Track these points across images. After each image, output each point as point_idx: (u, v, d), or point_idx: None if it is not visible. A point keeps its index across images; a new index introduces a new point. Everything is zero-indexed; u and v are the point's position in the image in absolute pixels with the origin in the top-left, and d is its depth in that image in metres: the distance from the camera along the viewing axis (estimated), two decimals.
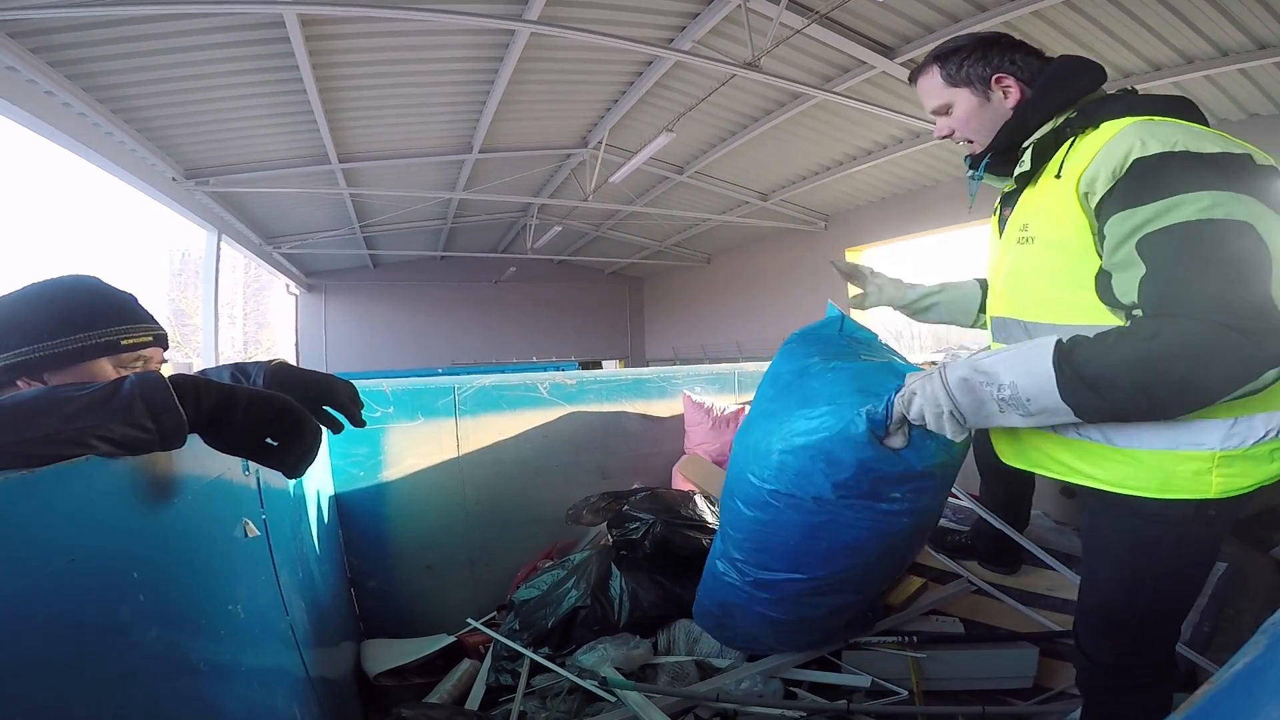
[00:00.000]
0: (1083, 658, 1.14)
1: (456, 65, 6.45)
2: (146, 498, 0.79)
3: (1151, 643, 1.07)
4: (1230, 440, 0.93)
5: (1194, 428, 0.93)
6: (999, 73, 1.12)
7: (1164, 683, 1.09)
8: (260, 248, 11.27)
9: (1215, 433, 0.93)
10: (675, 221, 12.13)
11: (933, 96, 1.18)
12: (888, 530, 1.22)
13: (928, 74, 1.19)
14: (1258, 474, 0.95)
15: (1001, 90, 1.12)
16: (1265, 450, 0.94)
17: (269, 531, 1.20)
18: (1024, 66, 1.12)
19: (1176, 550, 1.01)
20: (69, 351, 0.93)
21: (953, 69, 1.15)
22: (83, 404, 0.67)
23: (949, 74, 1.15)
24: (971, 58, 1.13)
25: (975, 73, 1.13)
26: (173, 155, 7.23)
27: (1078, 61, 1.10)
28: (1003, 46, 1.14)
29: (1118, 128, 0.95)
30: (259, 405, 0.78)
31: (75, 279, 1.02)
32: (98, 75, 5.37)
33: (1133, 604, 1.05)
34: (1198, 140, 0.89)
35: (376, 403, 2.20)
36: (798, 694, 1.56)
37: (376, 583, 2.15)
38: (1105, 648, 1.10)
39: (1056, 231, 1.02)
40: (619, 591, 1.80)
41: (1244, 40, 4.94)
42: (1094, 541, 1.13)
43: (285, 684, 1.19)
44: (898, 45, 5.79)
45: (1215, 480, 0.94)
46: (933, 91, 1.18)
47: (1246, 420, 0.93)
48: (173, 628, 0.80)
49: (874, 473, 1.13)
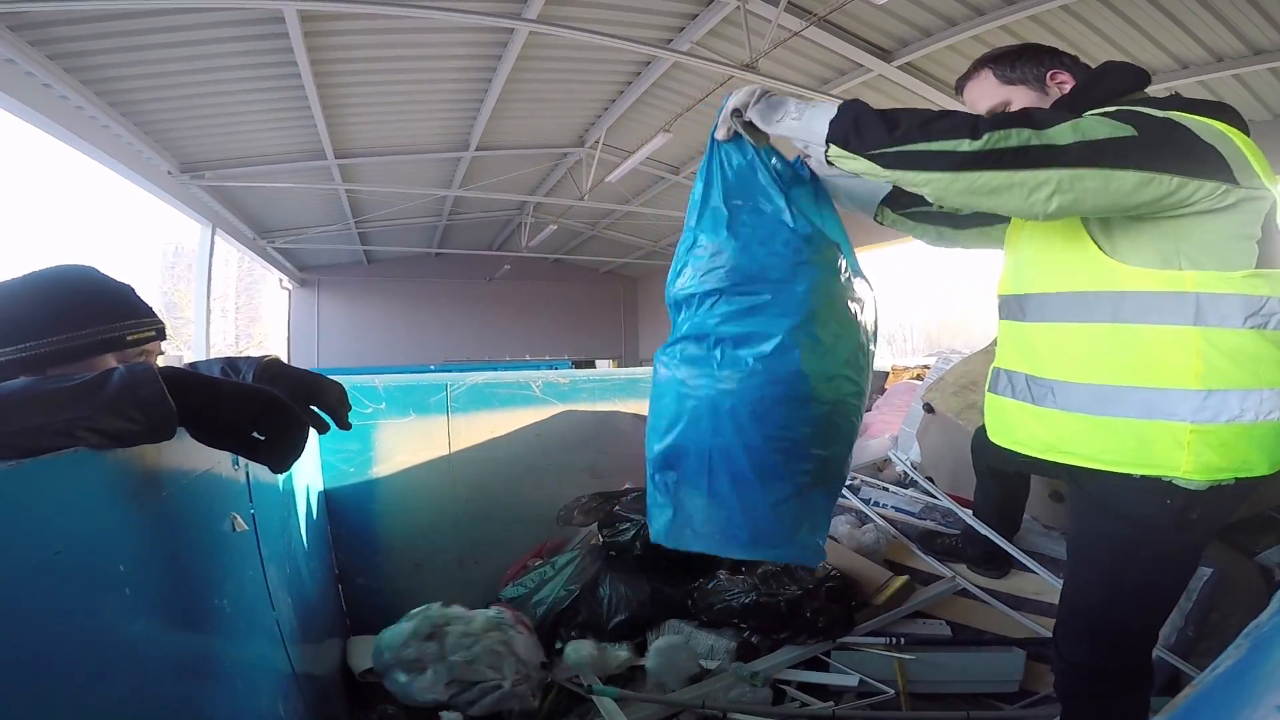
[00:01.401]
0: (1060, 661, 1.15)
1: (455, 63, 6.43)
2: (134, 490, 0.79)
3: (1127, 648, 1.09)
4: (1202, 413, 0.94)
5: (1167, 396, 0.95)
6: (1053, 69, 1.13)
7: (1139, 689, 1.10)
8: (254, 242, 11.21)
9: (1187, 404, 0.94)
10: (671, 222, 12.10)
11: (987, 98, 1.17)
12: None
13: (979, 77, 1.19)
14: (1233, 458, 0.95)
15: (1057, 86, 1.12)
16: (1240, 431, 0.94)
17: (257, 526, 1.19)
18: (1074, 67, 1.14)
19: (1156, 557, 1.03)
20: (76, 347, 0.92)
21: (1006, 69, 1.15)
22: (71, 396, 0.67)
23: (1003, 74, 1.16)
24: (1024, 58, 1.15)
25: (1030, 71, 1.14)
26: (169, 149, 7.18)
27: (1122, 63, 1.11)
28: (1053, 51, 1.16)
29: None
30: (245, 398, 0.78)
31: (72, 270, 1.00)
32: (97, 69, 5.33)
33: (1110, 608, 1.06)
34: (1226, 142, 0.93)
35: (368, 399, 2.19)
36: (787, 692, 1.57)
37: (364, 580, 2.14)
38: (1082, 651, 1.12)
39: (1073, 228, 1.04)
40: (608, 592, 1.80)
41: (1240, 46, 4.98)
42: (1077, 545, 1.15)
43: (270, 680, 1.18)
44: (895, 49, 5.81)
45: (1186, 457, 0.94)
46: (987, 93, 1.17)
47: (1220, 395, 0.94)
48: (158, 621, 0.79)
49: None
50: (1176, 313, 0.94)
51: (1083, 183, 0.87)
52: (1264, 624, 0.43)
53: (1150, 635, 1.11)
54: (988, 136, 0.87)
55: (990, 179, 0.88)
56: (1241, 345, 0.93)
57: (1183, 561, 1.05)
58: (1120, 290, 0.98)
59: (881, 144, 0.93)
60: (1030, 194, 0.88)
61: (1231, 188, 0.92)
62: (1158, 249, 0.95)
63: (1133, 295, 0.97)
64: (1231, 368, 0.94)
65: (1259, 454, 0.96)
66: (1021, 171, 0.87)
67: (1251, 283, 0.93)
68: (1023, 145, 0.87)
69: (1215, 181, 0.91)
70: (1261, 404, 0.94)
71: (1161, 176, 0.89)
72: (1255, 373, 0.94)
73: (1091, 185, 0.88)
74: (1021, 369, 1.11)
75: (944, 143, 0.89)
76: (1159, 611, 1.10)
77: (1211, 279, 0.93)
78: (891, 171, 0.93)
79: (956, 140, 0.88)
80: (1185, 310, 0.94)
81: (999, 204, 0.91)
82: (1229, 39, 4.92)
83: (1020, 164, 0.87)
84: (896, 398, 3.02)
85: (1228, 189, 0.91)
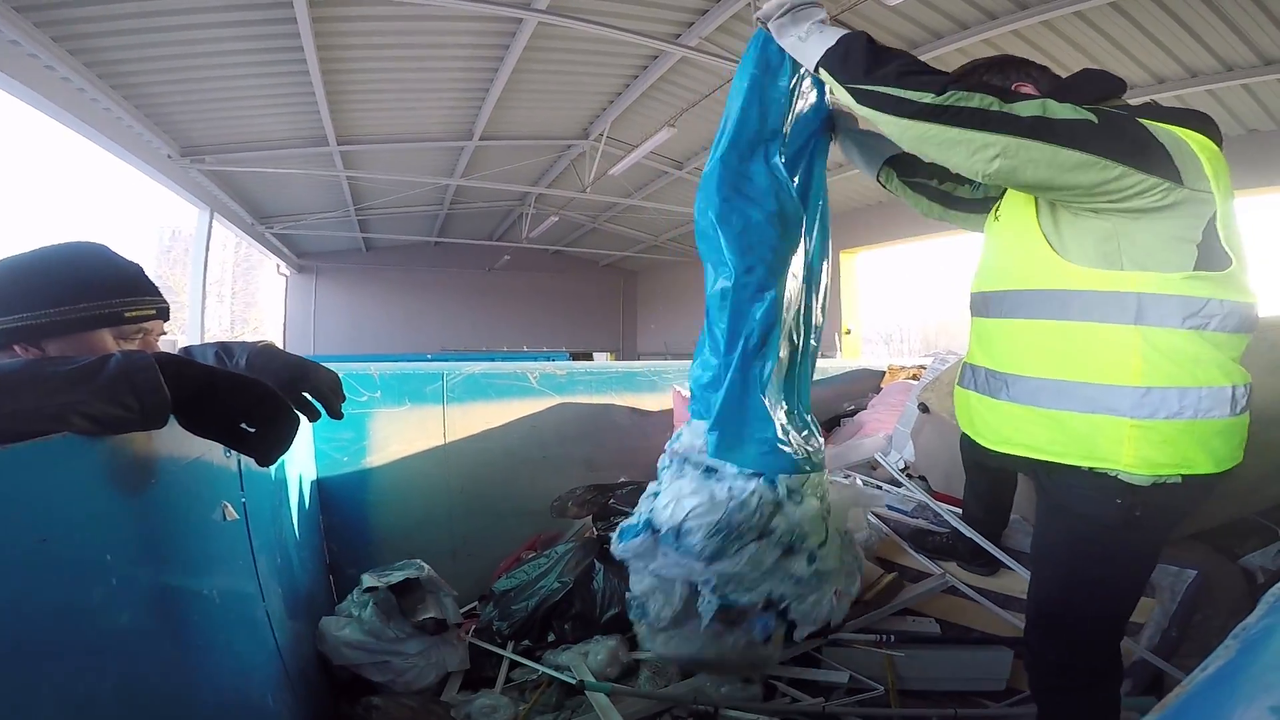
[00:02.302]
0: (1030, 655, 1.19)
1: (462, 51, 6.39)
2: (123, 478, 0.78)
3: (1089, 644, 1.11)
4: (1141, 409, 0.97)
5: (1110, 391, 0.99)
6: (1018, 81, 1.16)
7: (1106, 684, 1.12)
8: (252, 227, 11.16)
9: (1126, 399, 0.98)
10: (672, 217, 12.09)
11: None
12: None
13: None
14: (1174, 454, 0.98)
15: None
16: (1181, 428, 0.97)
17: (248, 515, 1.18)
18: (1039, 78, 1.16)
19: (1107, 554, 1.06)
20: (70, 320, 0.92)
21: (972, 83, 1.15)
22: (67, 379, 0.66)
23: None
24: (989, 72, 1.18)
25: (994, 83, 1.15)
26: (170, 132, 7.14)
27: (1096, 71, 1.14)
28: (1018, 63, 1.19)
29: None
30: (238, 390, 0.77)
31: (83, 245, 1.00)
32: (100, 51, 5.30)
33: (1070, 604, 1.10)
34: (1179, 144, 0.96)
35: (363, 387, 2.18)
36: (778, 688, 1.57)
37: (357, 570, 2.12)
38: (1048, 646, 1.15)
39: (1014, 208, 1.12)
40: (602, 586, 1.79)
41: (1250, 56, 4.97)
42: (1039, 543, 1.20)
43: (258, 670, 1.17)
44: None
45: (1128, 451, 0.98)
46: None
47: (1160, 392, 0.97)
48: (145, 611, 0.78)
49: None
50: (1119, 312, 0.98)
51: (1027, 152, 0.91)
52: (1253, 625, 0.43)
53: (1113, 631, 1.13)
54: (951, 93, 0.92)
55: (941, 132, 0.94)
56: (1180, 345, 0.97)
57: (1135, 559, 1.09)
58: (1068, 289, 1.02)
59: (857, 79, 1.01)
60: (974, 153, 0.93)
61: (1174, 186, 0.94)
62: (1101, 249, 0.99)
63: (1079, 294, 1.01)
64: (1170, 366, 0.97)
65: (1201, 452, 0.98)
66: (972, 131, 0.92)
67: (1191, 284, 0.96)
68: (983, 108, 0.92)
69: (1156, 177, 0.93)
70: (1200, 402, 0.97)
71: (1104, 161, 0.92)
72: (1193, 372, 0.97)
73: (1035, 156, 0.92)
74: (983, 364, 1.17)
75: (910, 92, 0.95)
76: (1117, 607, 1.12)
77: (1152, 280, 0.96)
78: (860, 107, 1.01)
79: (922, 92, 0.94)
80: (1127, 310, 0.98)
81: (944, 157, 0.97)
82: (1240, 48, 4.91)
83: (974, 124, 0.92)
84: (892, 397, 3.01)
85: (1170, 187, 0.94)
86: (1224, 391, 0.98)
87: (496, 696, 1.55)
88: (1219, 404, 0.98)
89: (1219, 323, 0.98)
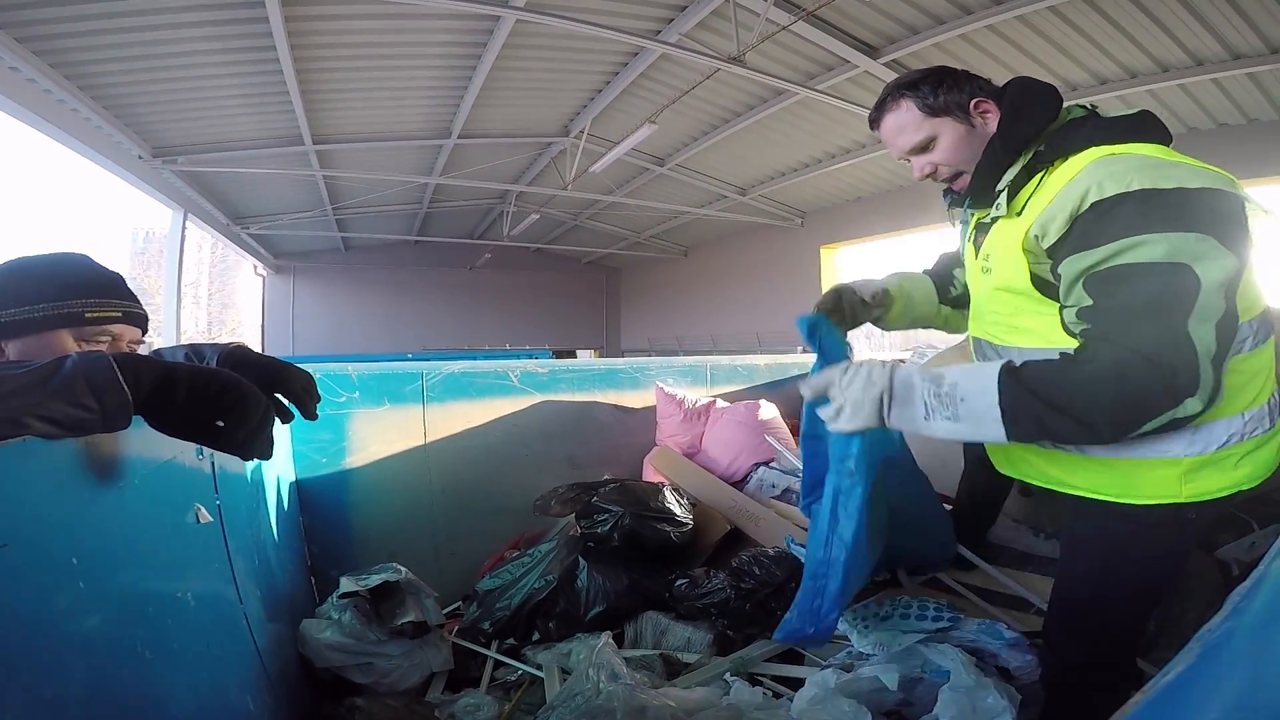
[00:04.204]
0: (1050, 654, 1.17)
1: (439, 49, 6.34)
2: (89, 480, 0.76)
3: (1113, 642, 1.10)
4: (1194, 447, 0.97)
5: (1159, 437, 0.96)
6: (975, 97, 1.07)
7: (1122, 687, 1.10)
8: (228, 228, 10.99)
9: (1179, 441, 0.97)
10: (654, 213, 12.10)
11: (911, 131, 1.10)
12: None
13: (898, 108, 1.10)
14: (1225, 479, 0.98)
15: (981, 116, 1.08)
16: (1231, 455, 0.97)
17: (223, 517, 1.16)
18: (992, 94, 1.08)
19: (1147, 552, 1.04)
20: (29, 320, 0.91)
21: (929, 98, 1.08)
22: (20, 383, 0.64)
23: (927, 104, 1.08)
24: (945, 84, 1.08)
25: (954, 99, 1.07)
26: (140, 133, 7.01)
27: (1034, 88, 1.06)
28: (969, 75, 1.10)
29: (1080, 165, 0.95)
30: (200, 382, 0.74)
31: (63, 254, 1.00)
32: (66, 52, 5.19)
33: (1100, 600, 1.08)
34: (1155, 174, 0.89)
35: (341, 387, 2.15)
36: (762, 684, 1.57)
37: (339, 571, 2.09)
38: (1072, 644, 1.13)
39: (1005, 269, 1.06)
40: (586, 584, 1.79)
41: (1220, 50, 5.07)
42: (1072, 538, 1.16)
43: (238, 673, 1.15)
44: (881, 45, 5.83)
45: (1185, 487, 0.97)
46: (910, 126, 1.10)
47: (1208, 426, 0.96)
48: (115, 616, 0.77)
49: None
50: None
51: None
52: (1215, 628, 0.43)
53: (1136, 631, 1.12)
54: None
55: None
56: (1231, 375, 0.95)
57: (1172, 554, 1.07)
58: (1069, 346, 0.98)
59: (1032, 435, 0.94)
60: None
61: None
62: None
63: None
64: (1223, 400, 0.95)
65: (1253, 466, 0.99)
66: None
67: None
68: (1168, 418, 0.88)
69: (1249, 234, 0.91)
70: (1245, 425, 0.97)
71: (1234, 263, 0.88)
72: (1235, 401, 0.97)
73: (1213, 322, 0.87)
74: None
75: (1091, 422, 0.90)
76: (1146, 605, 1.11)
77: None
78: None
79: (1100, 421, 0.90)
80: None
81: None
82: (1209, 43, 5.01)
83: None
84: None
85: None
86: (1262, 409, 0.99)
87: (480, 695, 1.53)
88: (1262, 420, 0.99)
89: (1252, 342, 0.97)
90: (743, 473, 2.45)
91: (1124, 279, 0.88)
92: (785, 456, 2.41)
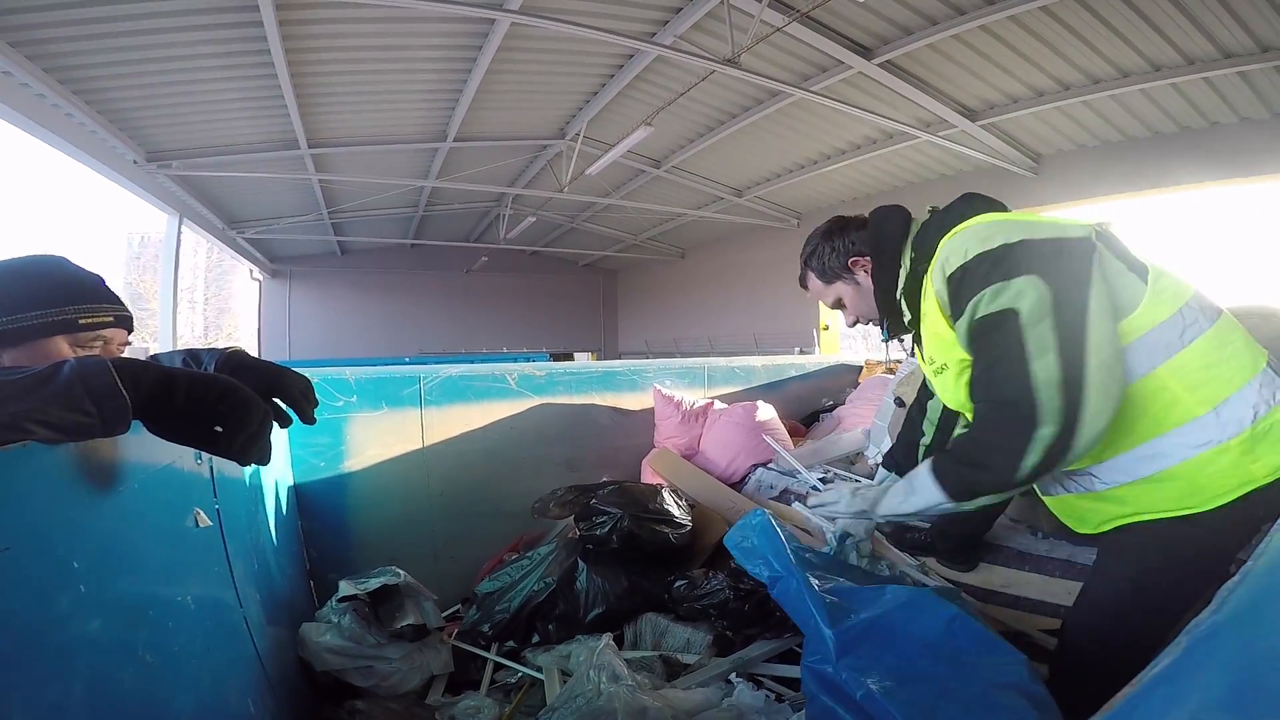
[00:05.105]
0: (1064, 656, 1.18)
1: (434, 53, 6.34)
2: (90, 485, 0.76)
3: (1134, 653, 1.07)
4: (1226, 429, 0.97)
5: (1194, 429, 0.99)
6: (849, 257, 1.26)
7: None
8: (223, 232, 10.97)
9: (1211, 427, 0.98)
10: (651, 215, 12.11)
11: (824, 296, 1.34)
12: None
13: (809, 277, 1.35)
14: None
15: (862, 270, 1.26)
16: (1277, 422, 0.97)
17: (222, 521, 1.17)
18: (859, 240, 1.27)
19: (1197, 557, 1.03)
20: (24, 328, 0.92)
21: (820, 267, 1.31)
22: (19, 388, 0.64)
23: (821, 273, 1.31)
24: (826, 253, 1.29)
25: (836, 265, 1.28)
26: (135, 138, 7.00)
27: (881, 214, 1.26)
28: (839, 230, 1.29)
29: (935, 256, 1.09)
30: (200, 387, 0.75)
31: (41, 258, 1.00)
32: (61, 56, 5.18)
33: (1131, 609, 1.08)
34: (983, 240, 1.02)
35: (339, 391, 2.16)
36: (762, 684, 1.58)
37: (337, 575, 2.10)
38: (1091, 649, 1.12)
39: (948, 357, 1.14)
40: (585, 586, 1.79)
41: (1210, 49, 5.10)
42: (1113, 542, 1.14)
43: (238, 676, 1.16)
44: (876, 46, 5.85)
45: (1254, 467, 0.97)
46: (819, 292, 1.35)
47: (1226, 404, 0.98)
48: (116, 619, 0.77)
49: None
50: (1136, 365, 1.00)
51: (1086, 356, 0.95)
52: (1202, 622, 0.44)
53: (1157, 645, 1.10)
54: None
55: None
56: (1198, 359, 0.99)
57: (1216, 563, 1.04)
58: None
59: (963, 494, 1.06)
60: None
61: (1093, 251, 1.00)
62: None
63: None
64: (1214, 382, 0.98)
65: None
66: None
67: (1158, 307, 1.00)
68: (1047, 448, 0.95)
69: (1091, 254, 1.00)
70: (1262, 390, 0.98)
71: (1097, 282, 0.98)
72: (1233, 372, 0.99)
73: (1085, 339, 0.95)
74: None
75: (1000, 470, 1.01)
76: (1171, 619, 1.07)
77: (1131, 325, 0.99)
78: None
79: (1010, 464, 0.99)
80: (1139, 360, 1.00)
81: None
82: (1201, 42, 5.03)
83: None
84: (869, 392, 3.04)
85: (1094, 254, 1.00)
86: (1267, 373, 1.01)
87: (480, 698, 1.54)
88: (1275, 383, 1.00)
89: (1206, 319, 1.00)
90: (741, 474, 2.46)
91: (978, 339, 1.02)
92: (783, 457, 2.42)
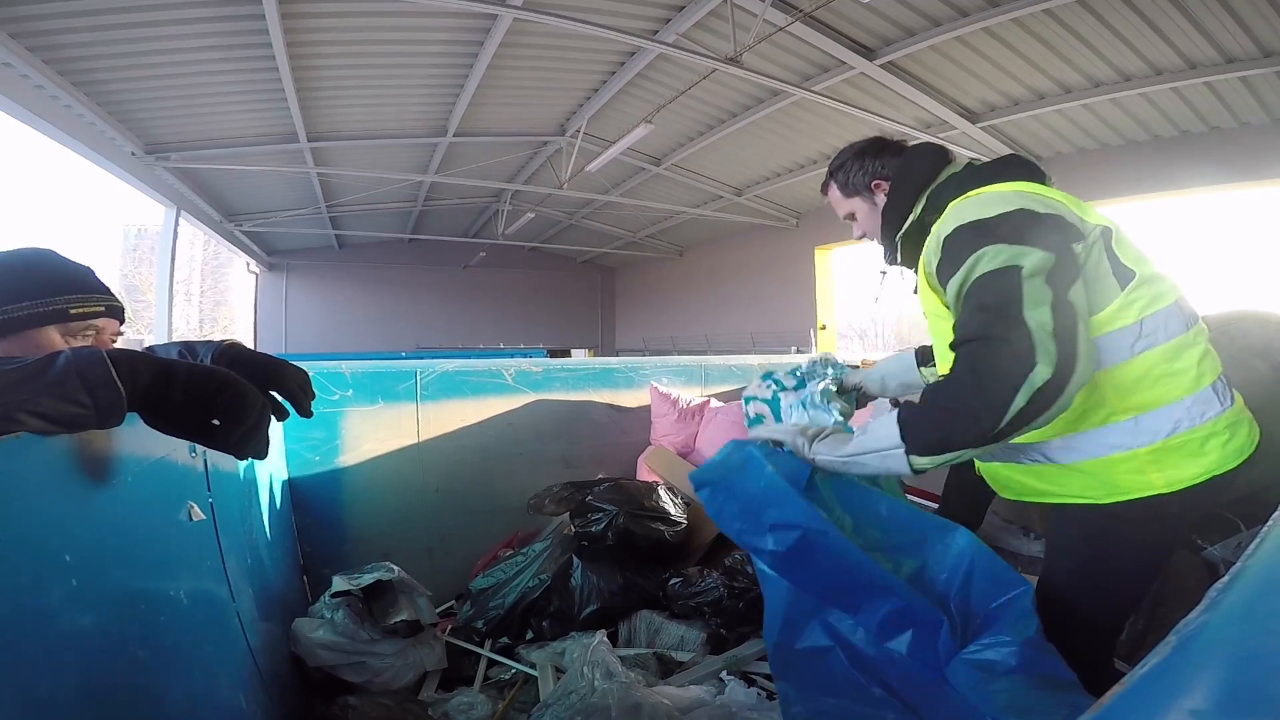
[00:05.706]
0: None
1: (436, 48, 6.33)
2: (82, 478, 0.76)
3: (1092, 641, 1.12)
4: (1140, 438, 1.01)
5: (1108, 432, 1.03)
6: (874, 178, 1.30)
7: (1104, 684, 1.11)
8: (221, 225, 10.94)
9: (1125, 434, 1.02)
10: (650, 213, 12.11)
11: (839, 206, 1.38)
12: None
13: (830, 188, 1.39)
14: (1196, 466, 1.00)
15: (881, 194, 1.30)
16: (1192, 439, 1.01)
17: (215, 515, 1.16)
18: (889, 166, 1.29)
19: (1130, 549, 1.07)
20: (15, 319, 0.92)
21: (843, 180, 1.34)
22: (13, 378, 0.63)
23: (843, 186, 1.35)
24: (853, 169, 1.32)
25: (859, 182, 1.32)
26: (133, 130, 6.98)
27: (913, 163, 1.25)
28: (875, 152, 1.31)
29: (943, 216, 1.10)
30: (198, 380, 0.74)
31: (30, 250, 1.00)
32: (60, 47, 5.17)
33: (1084, 599, 1.11)
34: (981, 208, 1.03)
35: (335, 385, 2.15)
36: (755, 682, 1.58)
37: (331, 570, 2.09)
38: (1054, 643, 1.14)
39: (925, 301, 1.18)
40: (580, 582, 1.79)
41: (1213, 54, 5.11)
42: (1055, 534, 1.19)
43: (230, 671, 1.15)
44: (878, 47, 5.85)
45: (1158, 477, 1.01)
46: (837, 203, 1.39)
47: (1148, 417, 1.01)
48: (108, 613, 0.76)
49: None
50: None
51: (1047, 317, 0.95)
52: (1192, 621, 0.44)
53: (1115, 632, 1.15)
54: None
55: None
56: (1140, 371, 1.01)
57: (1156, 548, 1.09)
58: None
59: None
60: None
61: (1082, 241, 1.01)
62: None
63: None
64: (1143, 393, 1.01)
65: (1225, 453, 1.01)
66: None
67: (1122, 314, 1.01)
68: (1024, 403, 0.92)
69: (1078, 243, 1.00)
70: (1191, 409, 1.01)
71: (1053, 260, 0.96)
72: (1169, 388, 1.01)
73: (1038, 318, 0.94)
74: None
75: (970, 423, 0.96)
76: (1126, 607, 1.14)
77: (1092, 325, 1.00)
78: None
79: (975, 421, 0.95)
80: None
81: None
82: (1203, 46, 5.04)
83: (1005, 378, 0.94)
84: None
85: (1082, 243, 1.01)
86: (1206, 392, 1.02)
87: (473, 694, 1.54)
88: (1210, 404, 1.02)
89: (1164, 333, 1.02)
90: None
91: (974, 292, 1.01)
92: None
